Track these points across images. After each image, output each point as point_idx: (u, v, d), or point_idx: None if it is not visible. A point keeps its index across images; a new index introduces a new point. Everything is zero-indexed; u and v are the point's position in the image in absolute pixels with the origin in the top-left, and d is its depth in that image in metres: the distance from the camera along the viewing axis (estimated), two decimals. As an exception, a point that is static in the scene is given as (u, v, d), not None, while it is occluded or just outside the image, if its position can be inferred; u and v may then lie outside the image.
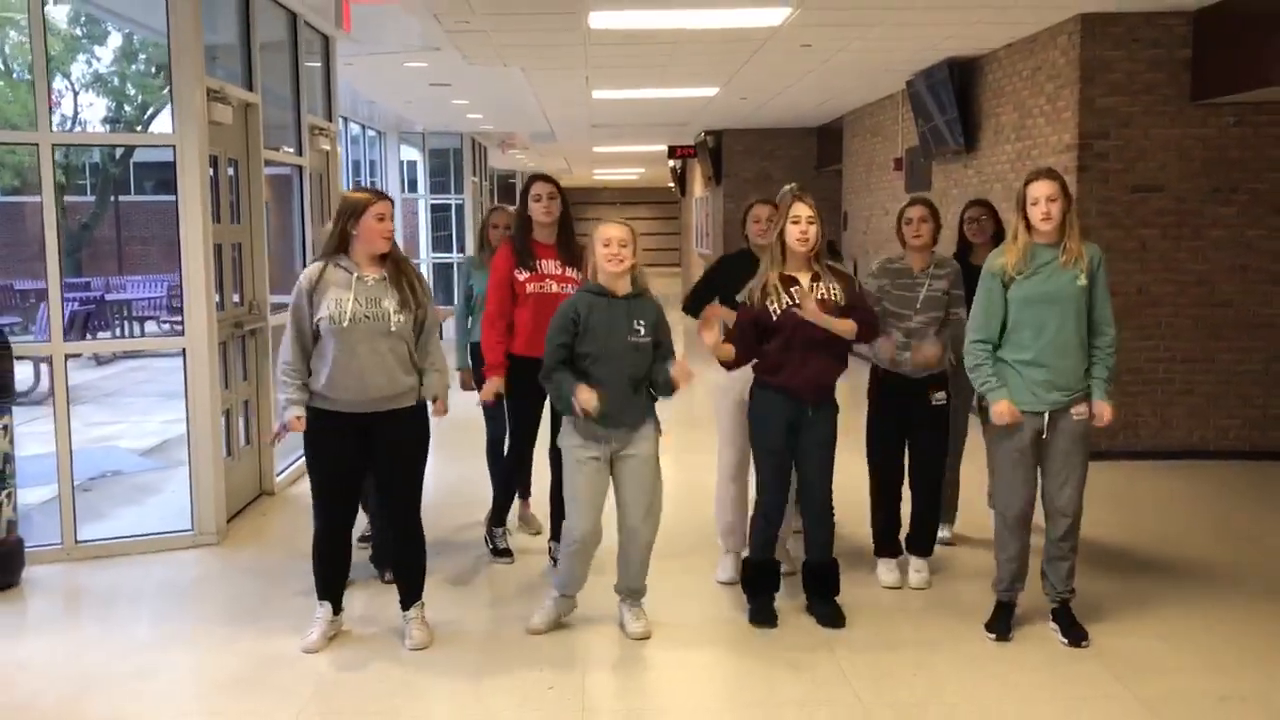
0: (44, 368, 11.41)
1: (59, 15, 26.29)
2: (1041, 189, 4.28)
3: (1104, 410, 4.38)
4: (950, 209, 8.89)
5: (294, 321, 4.30)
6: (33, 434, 7.16)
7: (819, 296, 4.45)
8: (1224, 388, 7.68)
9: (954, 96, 9.40)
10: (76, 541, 5.67)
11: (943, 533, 5.56)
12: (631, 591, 4.63)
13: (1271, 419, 7.69)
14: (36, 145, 5.60)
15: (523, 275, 5.14)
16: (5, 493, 5.21)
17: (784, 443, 4.55)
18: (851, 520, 5.35)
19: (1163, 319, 7.63)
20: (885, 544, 5.18)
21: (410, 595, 4.54)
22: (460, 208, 18.32)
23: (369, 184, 15.58)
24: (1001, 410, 4.29)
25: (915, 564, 5.14)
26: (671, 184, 26.80)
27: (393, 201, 4.40)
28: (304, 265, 5.42)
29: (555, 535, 5.18)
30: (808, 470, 4.60)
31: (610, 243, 4.36)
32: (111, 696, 4.07)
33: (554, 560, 5.12)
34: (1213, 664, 4.26)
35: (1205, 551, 5.69)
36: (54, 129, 5.82)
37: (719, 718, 3.97)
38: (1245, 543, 5.91)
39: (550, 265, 5.18)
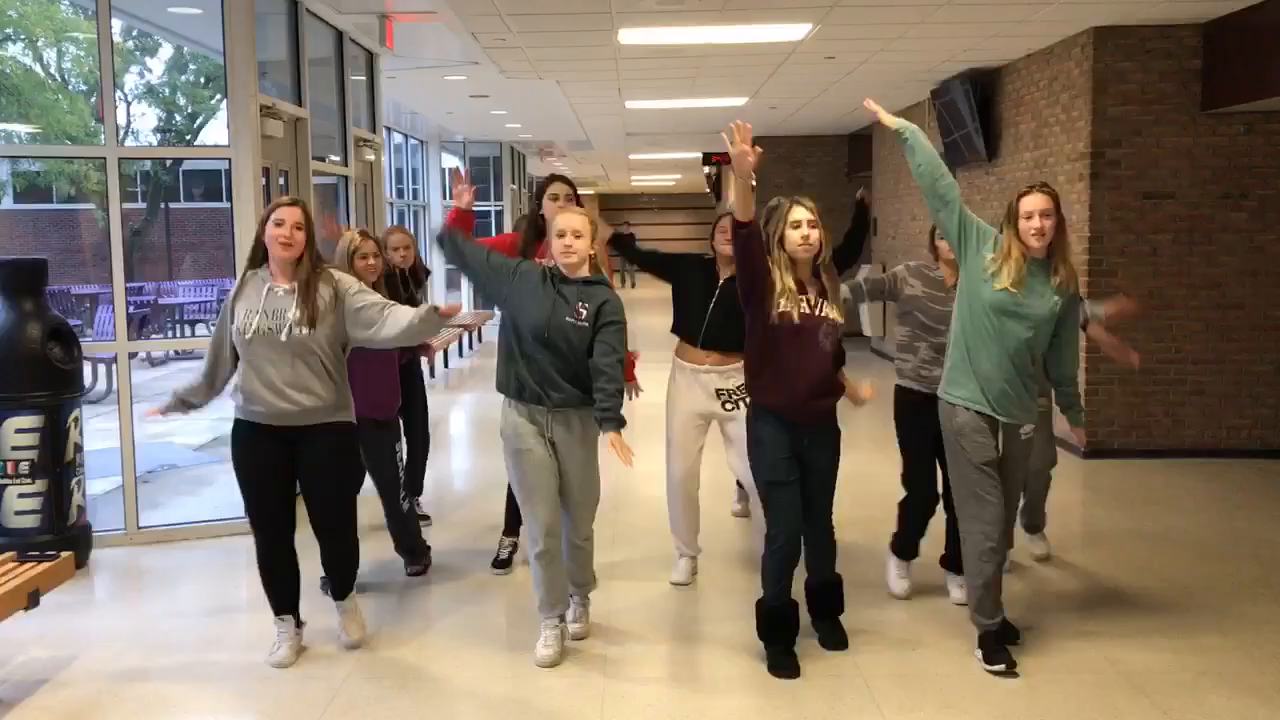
0: (102, 368, 11.95)
1: (114, 29, 27.09)
2: (1035, 203, 4.12)
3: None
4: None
5: (217, 329, 4.30)
6: (92, 431, 7.60)
7: (824, 314, 4.19)
8: (1235, 388, 7.90)
9: (975, 109, 9.66)
10: (139, 527, 6.10)
11: (1036, 549, 5.59)
12: (577, 584, 4.57)
13: (1283, 419, 7.90)
14: (105, 159, 5.99)
15: None
16: (75, 480, 5.63)
17: (789, 473, 4.23)
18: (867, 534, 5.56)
19: (1174, 321, 7.85)
20: (907, 548, 5.06)
21: (342, 588, 4.53)
22: (500, 214, 18.79)
23: (410, 191, 16.03)
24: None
25: (955, 581, 4.96)
26: (708, 189, 27.10)
27: (301, 207, 4.20)
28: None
29: (507, 529, 5.51)
30: (809, 496, 4.30)
31: (565, 233, 4.20)
32: (177, 662, 4.46)
33: (497, 561, 5.47)
34: (1197, 645, 4.53)
35: (1212, 549, 5.95)
36: (111, 142, 6.24)
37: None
38: (1249, 539, 6.14)
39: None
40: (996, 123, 9.64)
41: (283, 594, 4.43)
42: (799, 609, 4.40)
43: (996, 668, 4.20)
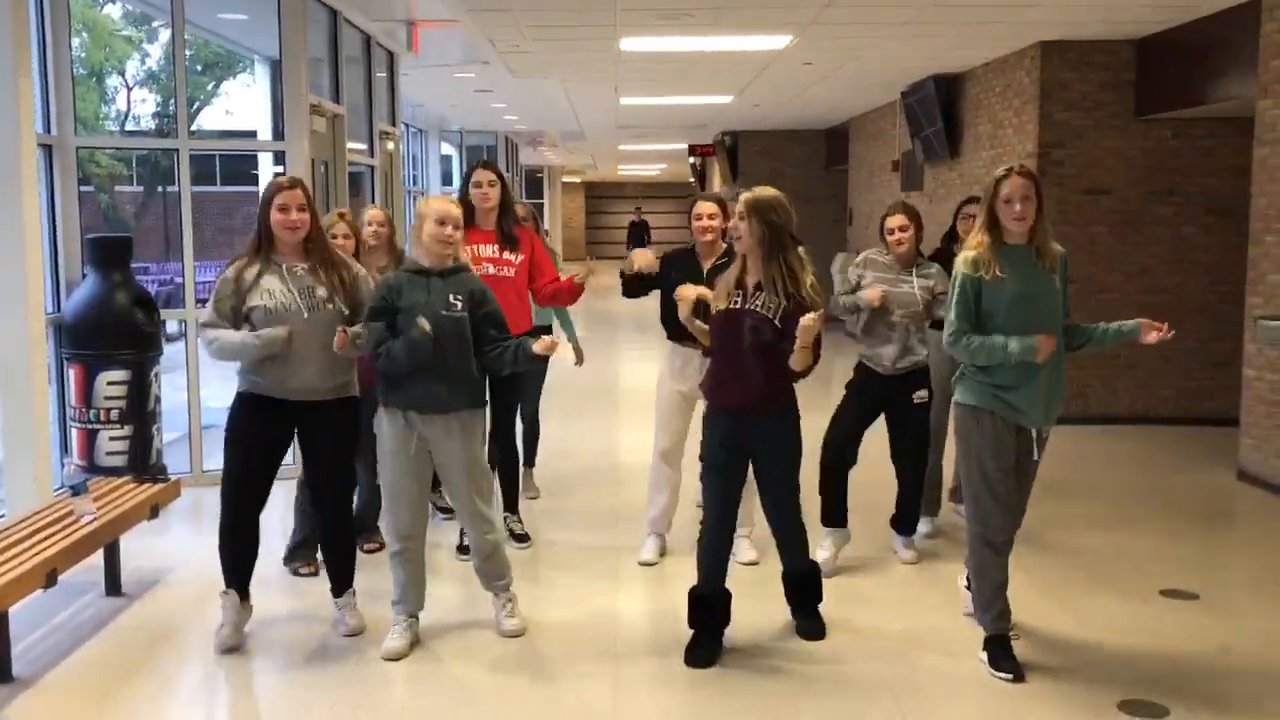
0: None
1: (114, 14, 27.79)
2: (1016, 187, 3.94)
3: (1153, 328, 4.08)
4: (939, 207, 10.20)
5: (216, 313, 4.15)
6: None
7: (755, 306, 4.10)
8: (1164, 364, 8.91)
9: (940, 112, 10.63)
10: (204, 470, 7.01)
11: (923, 526, 5.68)
12: (496, 584, 4.48)
13: (1205, 390, 8.93)
14: (176, 150, 6.89)
15: None
16: (155, 427, 6.55)
17: (728, 459, 4.21)
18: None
19: (1110, 304, 8.82)
20: (834, 515, 5.22)
21: (342, 583, 4.52)
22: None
23: (413, 180, 16.85)
24: (1042, 345, 3.97)
25: (902, 543, 5.41)
26: (692, 179, 27.98)
27: (303, 189, 4.18)
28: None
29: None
30: (769, 488, 4.31)
31: (446, 222, 4.16)
32: (257, 575, 5.33)
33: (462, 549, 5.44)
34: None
35: (1137, 499, 6.96)
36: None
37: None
38: (1164, 492, 7.16)
39: (488, 249, 5.32)
40: (959, 124, 10.61)
41: (240, 568, 4.40)
42: (731, 598, 4.32)
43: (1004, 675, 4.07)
